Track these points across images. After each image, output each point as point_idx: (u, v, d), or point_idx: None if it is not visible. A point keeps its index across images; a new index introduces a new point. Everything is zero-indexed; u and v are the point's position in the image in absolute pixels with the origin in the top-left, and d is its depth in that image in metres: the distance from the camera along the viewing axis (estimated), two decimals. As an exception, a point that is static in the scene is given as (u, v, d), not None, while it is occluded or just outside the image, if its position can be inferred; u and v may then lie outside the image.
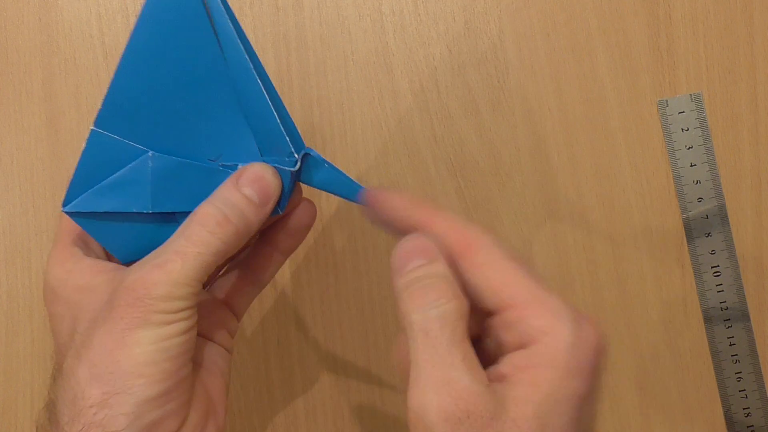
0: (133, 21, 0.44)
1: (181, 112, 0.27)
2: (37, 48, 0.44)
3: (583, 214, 0.44)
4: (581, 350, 0.24)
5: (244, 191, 0.28)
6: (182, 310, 0.27)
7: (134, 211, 0.28)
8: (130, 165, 0.28)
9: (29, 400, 0.43)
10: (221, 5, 0.26)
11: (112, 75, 0.27)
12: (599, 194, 0.44)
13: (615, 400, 0.44)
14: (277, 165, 0.28)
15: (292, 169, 0.28)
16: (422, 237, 0.26)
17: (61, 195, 0.29)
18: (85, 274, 0.29)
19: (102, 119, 0.27)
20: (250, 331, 0.44)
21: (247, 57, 0.27)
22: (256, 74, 0.27)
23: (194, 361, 0.30)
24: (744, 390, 0.44)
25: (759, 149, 0.44)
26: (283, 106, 0.29)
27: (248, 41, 0.28)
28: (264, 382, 0.44)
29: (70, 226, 0.30)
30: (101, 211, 0.28)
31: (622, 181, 0.44)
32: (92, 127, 0.27)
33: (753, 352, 0.44)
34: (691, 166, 0.44)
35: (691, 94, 0.44)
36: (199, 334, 0.31)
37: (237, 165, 0.29)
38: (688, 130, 0.44)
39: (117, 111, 0.27)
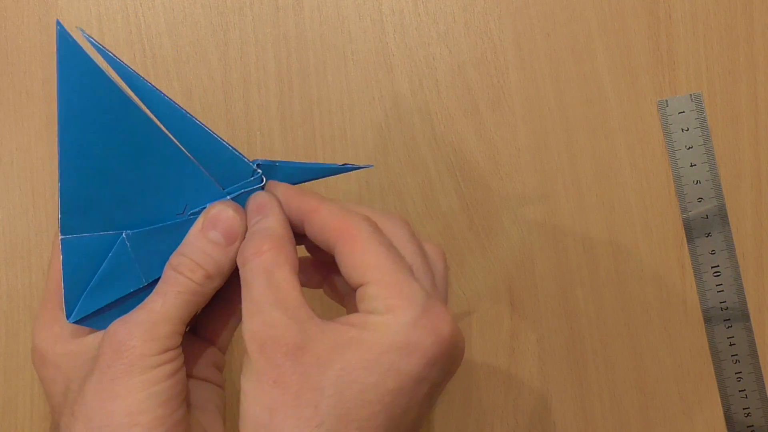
0: (133, 21, 0.45)
1: (134, 183, 0.28)
2: (37, 48, 0.44)
3: (583, 214, 0.44)
4: (418, 333, 0.25)
5: (209, 236, 0.28)
6: (166, 350, 0.27)
7: (132, 291, 0.29)
8: (110, 254, 0.28)
9: (29, 400, 0.43)
10: (121, 65, 0.26)
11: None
12: (599, 194, 0.44)
13: (615, 400, 0.44)
14: (242, 191, 0.29)
15: (260, 185, 0.29)
16: (262, 194, 0.29)
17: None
18: (74, 338, 0.29)
19: (66, 225, 0.28)
20: (250, 331, 0.44)
21: (172, 102, 0.27)
22: (188, 113, 0.27)
23: (190, 403, 0.30)
24: (744, 390, 0.44)
25: (759, 149, 0.44)
26: (216, 136, 0.29)
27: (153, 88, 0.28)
28: (264, 382, 0.44)
29: (57, 285, 0.29)
30: (103, 305, 0.29)
31: (622, 181, 0.44)
32: (60, 237, 0.28)
33: (753, 352, 0.44)
34: (691, 166, 0.44)
35: (691, 94, 0.44)
36: (189, 376, 0.31)
37: (205, 208, 0.29)
38: (688, 130, 0.44)
39: (75, 211, 0.28)
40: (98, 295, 0.28)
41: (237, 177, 0.29)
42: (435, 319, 0.25)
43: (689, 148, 0.44)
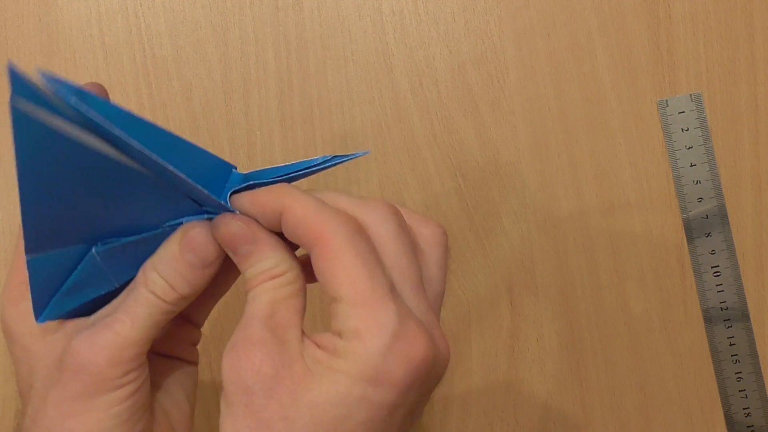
0: (133, 21, 0.45)
1: (105, 205, 0.26)
2: (37, 48, 0.44)
3: (583, 214, 0.44)
4: (388, 363, 0.23)
5: (186, 258, 0.27)
6: (130, 371, 0.26)
7: (102, 293, 0.28)
8: (79, 266, 0.27)
9: (29, 400, 0.43)
10: (78, 106, 0.23)
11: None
12: (599, 194, 0.44)
13: (615, 400, 0.44)
14: (218, 212, 0.27)
15: (233, 211, 0.27)
16: (235, 223, 0.26)
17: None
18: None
19: (30, 246, 0.26)
20: (250, 331, 0.44)
21: (132, 141, 0.24)
22: (149, 152, 0.24)
23: (154, 385, 0.29)
24: (744, 390, 0.44)
25: (759, 149, 0.44)
26: (195, 149, 0.27)
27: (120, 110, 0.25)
28: (264, 382, 0.44)
29: (24, 260, 0.28)
30: (73, 308, 0.28)
31: (622, 181, 0.44)
32: (26, 258, 0.26)
33: (753, 352, 0.44)
34: (691, 166, 0.44)
35: (691, 94, 0.44)
36: (159, 353, 0.31)
37: (182, 221, 0.28)
38: (688, 130, 0.44)
39: (40, 233, 0.26)
40: (67, 300, 0.27)
41: (208, 202, 0.27)
42: (408, 344, 0.24)
43: (689, 148, 0.44)
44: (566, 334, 0.44)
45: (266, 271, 0.26)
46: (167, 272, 0.27)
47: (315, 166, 0.28)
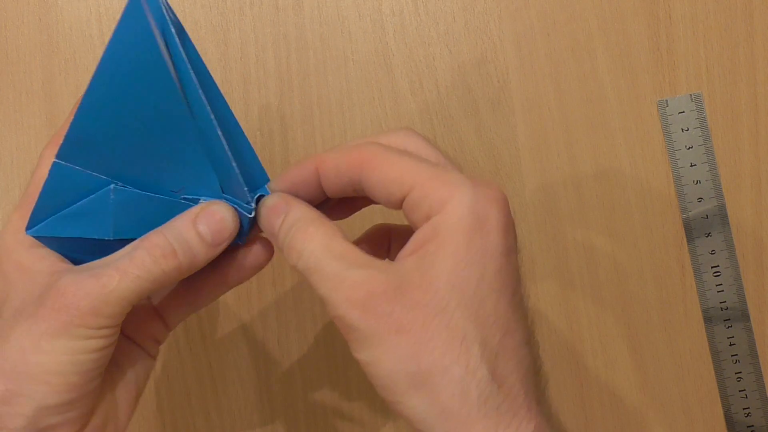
0: (133, 21, 0.45)
1: (144, 147, 0.27)
2: (37, 48, 0.44)
3: (583, 214, 0.44)
4: (482, 210, 0.25)
5: (199, 228, 0.28)
6: (105, 327, 0.26)
7: (96, 237, 0.28)
8: (92, 196, 0.28)
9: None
10: (180, 47, 0.26)
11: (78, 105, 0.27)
12: (599, 194, 0.44)
13: (615, 400, 0.44)
14: (236, 206, 0.28)
15: (249, 215, 0.28)
16: (272, 197, 0.29)
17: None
18: (32, 254, 0.28)
19: (65, 152, 0.27)
20: (250, 331, 0.44)
21: (206, 103, 0.26)
22: (215, 122, 0.27)
23: (112, 359, 0.29)
24: (744, 390, 0.44)
25: (759, 149, 0.44)
26: (248, 145, 0.29)
27: (209, 75, 0.28)
28: (264, 382, 0.44)
29: (35, 195, 0.29)
30: (64, 236, 0.28)
31: (622, 181, 0.44)
32: (54, 160, 0.27)
33: (753, 352, 0.44)
34: (691, 166, 0.44)
35: (691, 94, 0.44)
36: (125, 334, 0.31)
37: (198, 199, 0.29)
38: (688, 130, 0.44)
39: (80, 144, 0.27)
40: (64, 224, 0.28)
41: (235, 192, 0.29)
42: (486, 188, 0.25)
43: (689, 148, 0.44)
44: (566, 333, 0.44)
45: (302, 216, 0.27)
46: (174, 236, 0.27)
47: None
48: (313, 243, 0.26)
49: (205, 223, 0.28)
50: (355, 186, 0.28)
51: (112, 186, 0.28)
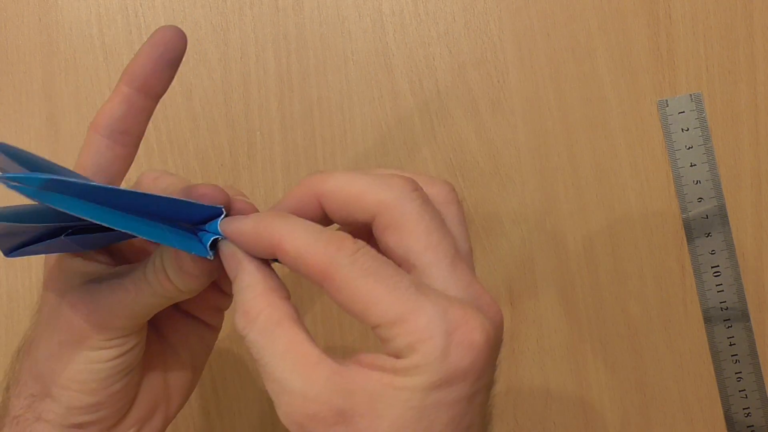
0: (133, 21, 0.44)
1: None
2: (37, 48, 0.44)
3: (583, 214, 0.44)
4: (453, 362, 0.22)
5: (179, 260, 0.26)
6: (115, 338, 0.27)
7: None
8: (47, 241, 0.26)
9: (29, 400, 0.43)
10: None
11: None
12: (599, 194, 0.44)
13: (615, 400, 0.44)
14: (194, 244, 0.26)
15: (209, 258, 0.26)
16: (224, 247, 0.25)
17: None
18: (62, 259, 0.28)
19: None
20: (250, 331, 0.44)
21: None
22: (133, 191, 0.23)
23: (164, 340, 0.30)
24: (744, 390, 0.44)
25: (759, 149, 0.44)
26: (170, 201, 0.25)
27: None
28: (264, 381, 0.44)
29: None
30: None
31: (622, 181, 0.44)
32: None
33: (753, 352, 0.44)
34: (691, 166, 0.44)
35: (691, 94, 0.44)
36: (182, 310, 0.30)
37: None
38: (688, 130, 0.44)
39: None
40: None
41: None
42: (463, 334, 0.22)
43: (689, 148, 0.44)
44: (566, 334, 0.44)
45: (249, 285, 0.25)
46: (168, 263, 0.26)
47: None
48: (255, 331, 0.24)
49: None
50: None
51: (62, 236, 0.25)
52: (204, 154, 0.44)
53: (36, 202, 0.22)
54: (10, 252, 0.26)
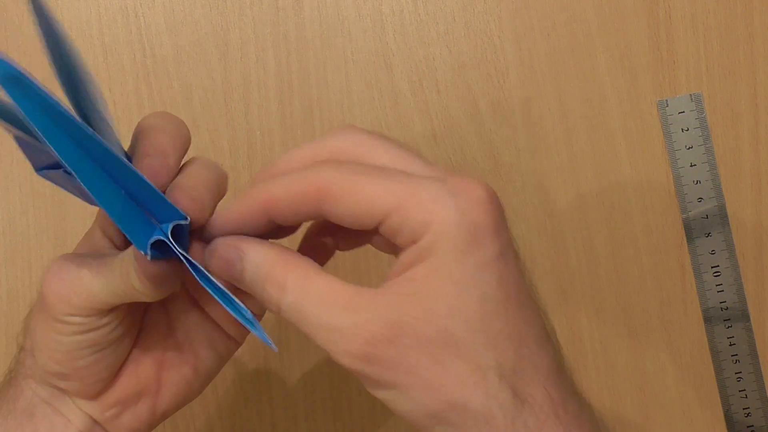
0: (133, 21, 0.44)
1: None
2: (37, 48, 0.44)
3: (583, 214, 0.44)
4: (466, 220, 0.23)
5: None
6: (77, 315, 0.26)
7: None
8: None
9: (29, 400, 0.43)
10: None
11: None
12: (599, 194, 0.44)
13: (615, 400, 0.44)
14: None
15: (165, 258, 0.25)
16: (217, 243, 0.26)
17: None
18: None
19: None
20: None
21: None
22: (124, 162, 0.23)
23: (170, 333, 0.29)
24: (744, 390, 0.44)
25: (759, 149, 0.44)
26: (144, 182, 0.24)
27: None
28: (264, 381, 0.44)
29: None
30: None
31: (622, 181, 0.44)
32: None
33: (753, 352, 0.44)
34: (691, 166, 0.44)
35: (691, 94, 0.44)
36: (200, 308, 0.30)
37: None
38: (688, 130, 0.44)
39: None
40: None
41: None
42: (468, 193, 0.23)
43: (689, 148, 0.44)
44: (566, 333, 0.44)
45: (263, 261, 0.25)
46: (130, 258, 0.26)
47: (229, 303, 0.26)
48: (289, 293, 0.24)
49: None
50: (317, 216, 0.25)
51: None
52: (204, 155, 0.44)
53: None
54: (39, 169, 0.26)
